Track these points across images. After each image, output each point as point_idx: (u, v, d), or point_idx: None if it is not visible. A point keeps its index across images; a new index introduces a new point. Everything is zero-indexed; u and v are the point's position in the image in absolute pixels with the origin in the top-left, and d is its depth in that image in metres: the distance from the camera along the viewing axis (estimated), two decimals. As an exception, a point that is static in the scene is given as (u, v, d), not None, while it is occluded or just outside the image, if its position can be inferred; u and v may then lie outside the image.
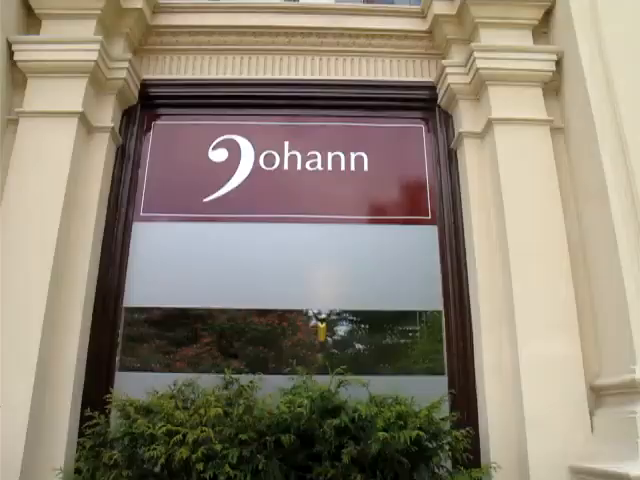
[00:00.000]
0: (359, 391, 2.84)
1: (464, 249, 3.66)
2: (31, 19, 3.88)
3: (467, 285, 3.58)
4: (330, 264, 3.74)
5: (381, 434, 2.52)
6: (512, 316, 3.20)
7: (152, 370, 3.53)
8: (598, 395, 3.13)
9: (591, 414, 3.05)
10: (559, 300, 3.23)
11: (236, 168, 3.89)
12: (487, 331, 3.33)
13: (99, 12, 3.79)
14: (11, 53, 3.67)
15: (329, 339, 3.67)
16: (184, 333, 3.62)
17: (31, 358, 3.02)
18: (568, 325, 3.18)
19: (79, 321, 3.28)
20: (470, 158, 3.73)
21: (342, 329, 3.72)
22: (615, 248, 3.07)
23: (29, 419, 2.93)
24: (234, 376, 2.97)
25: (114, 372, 3.43)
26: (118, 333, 3.52)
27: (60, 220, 3.32)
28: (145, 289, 3.61)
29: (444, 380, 3.44)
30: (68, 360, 3.20)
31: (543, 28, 4.01)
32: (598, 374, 3.15)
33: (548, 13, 3.98)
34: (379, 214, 3.85)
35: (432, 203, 3.85)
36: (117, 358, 3.48)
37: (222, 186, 3.84)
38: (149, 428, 2.60)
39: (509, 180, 3.48)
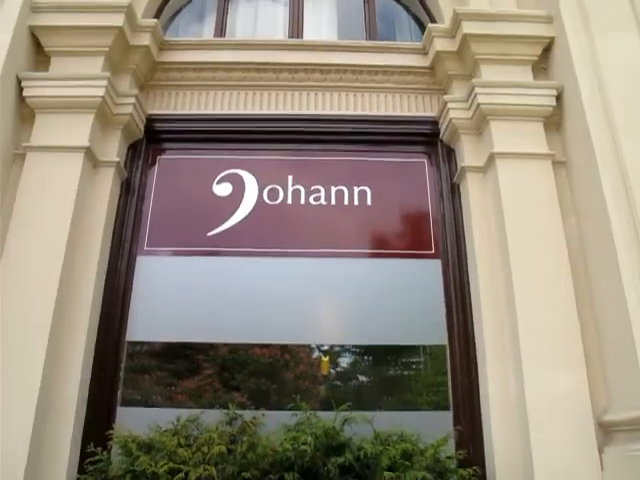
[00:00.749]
0: (363, 426, 2.81)
1: (468, 283, 3.65)
2: (41, 56, 3.97)
3: (471, 319, 3.55)
4: (333, 298, 3.74)
5: (387, 474, 2.49)
6: (517, 350, 3.18)
7: (155, 405, 3.48)
8: (607, 431, 3.07)
9: (600, 451, 2.99)
10: (565, 332, 3.21)
11: (240, 202, 3.92)
12: (492, 365, 3.30)
13: (107, 49, 3.87)
14: (20, 89, 3.74)
15: (332, 372, 3.65)
16: (186, 367, 3.59)
17: (32, 392, 2.99)
18: (574, 358, 3.15)
19: (81, 355, 3.26)
20: (473, 192, 3.75)
21: (345, 363, 3.70)
22: (619, 280, 3.08)
23: (28, 454, 2.88)
24: (238, 412, 2.94)
25: (116, 407, 3.39)
26: (120, 367, 3.49)
27: (64, 254, 3.32)
28: (148, 323, 3.60)
29: (449, 415, 3.40)
30: (69, 395, 3.16)
31: (542, 64, 4.09)
32: (606, 409, 3.10)
33: (547, 50, 4.05)
34: (382, 248, 3.86)
35: (435, 237, 3.86)
36: (119, 392, 3.44)
37: (226, 220, 3.86)
38: (151, 466, 2.57)
39: (512, 214, 3.49)
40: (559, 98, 3.85)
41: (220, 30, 4.64)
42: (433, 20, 4.61)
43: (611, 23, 3.86)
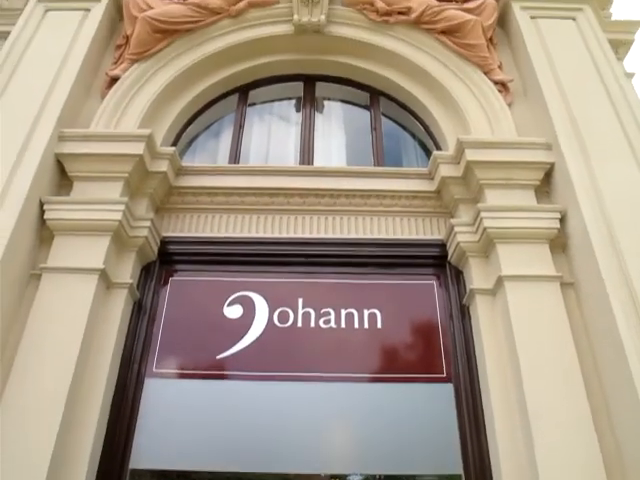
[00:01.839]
0: None
1: (482, 408, 3.54)
2: (64, 180, 4.18)
3: (487, 446, 3.42)
4: (344, 424, 3.62)
5: None
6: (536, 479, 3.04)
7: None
8: None
9: None
10: (585, 462, 3.08)
11: (250, 325, 3.91)
12: (511, 499, 3.14)
13: (126, 175, 4.07)
14: (42, 212, 3.89)
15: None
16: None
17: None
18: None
19: (82, 485, 3.14)
20: (483, 315, 3.74)
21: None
22: (637, 404, 3.01)
23: None
24: None
25: None
26: (122, 499, 3.35)
27: (72, 376, 3.30)
28: (153, 450, 3.48)
29: None
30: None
31: (545, 187, 4.23)
32: None
33: (548, 174, 4.22)
34: (393, 372, 3.79)
35: (447, 360, 3.80)
36: (118, 528, 3.29)
37: (236, 343, 3.83)
38: None
39: (523, 337, 3.47)
40: (563, 220, 3.96)
41: (235, 155, 4.87)
42: (438, 146, 4.84)
43: (608, 150, 4.08)
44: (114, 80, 4.73)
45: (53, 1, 5.10)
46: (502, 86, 4.77)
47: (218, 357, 3.79)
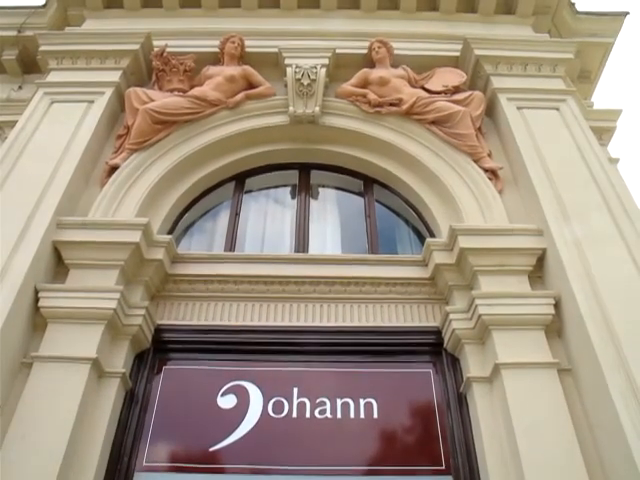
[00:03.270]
0: None
1: (483, 501, 3.43)
2: (60, 268, 4.19)
3: (491, 543, 3.29)
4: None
5: None
6: None
7: None
8: None
9: None
10: None
11: (244, 415, 3.81)
12: None
13: (122, 263, 4.09)
14: (37, 299, 3.88)
15: None
16: None
17: None
18: None
19: None
20: (480, 403, 3.68)
21: None
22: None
23: None
24: None
25: None
26: None
27: (58, 472, 3.19)
28: None
29: None
30: None
31: (538, 273, 4.27)
32: None
33: (540, 260, 4.27)
34: (391, 464, 3.65)
35: (445, 451, 3.68)
36: None
37: (229, 434, 3.72)
38: None
39: (522, 425, 3.41)
40: (557, 306, 3.97)
41: (230, 242, 4.92)
42: (431, 232, 4.92)
43: (597, 234, 4.16)
44: (114, 169, 4.85)
45: (59, 94, 5.31)
46: (492, 174, 4.91)
47: (211, 449, 3.67)
